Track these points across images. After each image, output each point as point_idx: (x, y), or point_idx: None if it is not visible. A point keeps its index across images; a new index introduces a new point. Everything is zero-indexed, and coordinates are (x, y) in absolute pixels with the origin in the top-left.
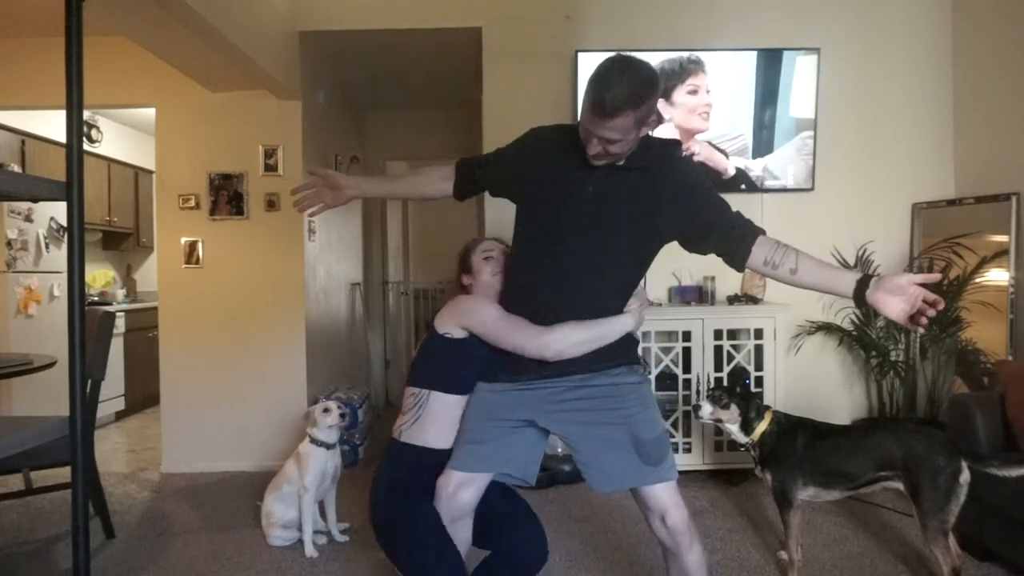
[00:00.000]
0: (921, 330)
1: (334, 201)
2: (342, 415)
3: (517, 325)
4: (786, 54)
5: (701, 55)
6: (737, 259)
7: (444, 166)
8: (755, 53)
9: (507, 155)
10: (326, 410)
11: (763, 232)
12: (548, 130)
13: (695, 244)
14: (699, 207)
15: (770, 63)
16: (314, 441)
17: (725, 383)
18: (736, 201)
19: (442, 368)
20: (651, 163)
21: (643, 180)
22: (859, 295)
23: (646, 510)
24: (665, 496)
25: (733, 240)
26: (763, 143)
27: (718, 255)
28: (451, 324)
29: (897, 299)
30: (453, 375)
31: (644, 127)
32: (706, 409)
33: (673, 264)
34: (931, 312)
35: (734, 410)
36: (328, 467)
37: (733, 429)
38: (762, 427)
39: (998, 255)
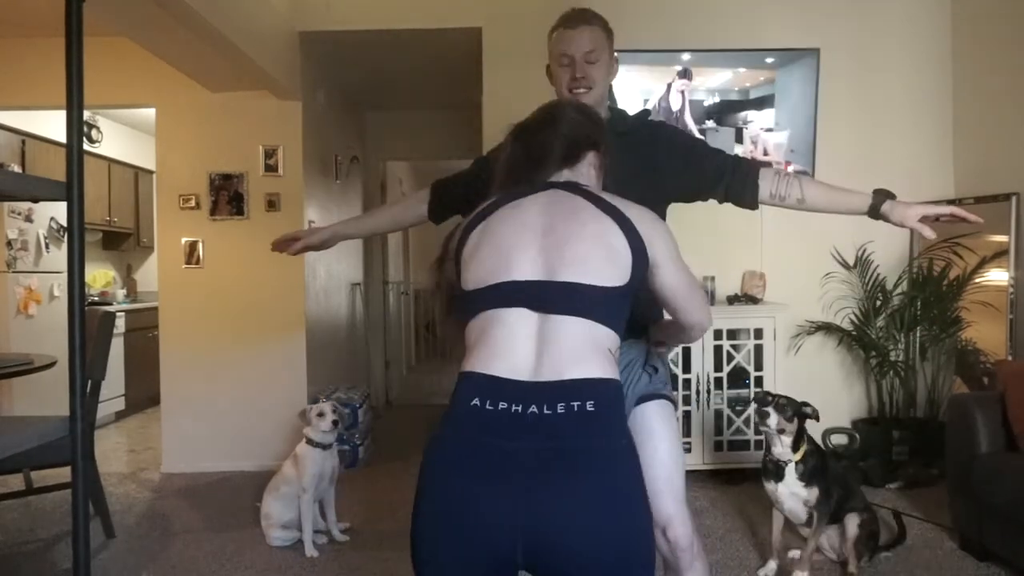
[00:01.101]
0: (930, 234)
1: (317, 250)
2: (334, 422)
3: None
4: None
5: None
6: (746, 198)
7: (420, 190)
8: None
9: (487, 163)
10: (320, 414)
11: (766, 164)
12: None
13: (701, 192)
14: (696, 156)
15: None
16: (310, 442)
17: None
18: None
19: None
20: (633, 128)
21: (634, 142)
22: (875, 210)
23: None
24: (670, 507)
25: (737, 181)
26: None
27: (726, 199)
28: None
29: (916, 207)
30: None
31: (612, 60)
32: (774, 419)
33: None
34: (949, 217)
35: (795, 424)
36: (326, 468)
37: (786, 441)
38: (803, 445)
39: (998, 255)
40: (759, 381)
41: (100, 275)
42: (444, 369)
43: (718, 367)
